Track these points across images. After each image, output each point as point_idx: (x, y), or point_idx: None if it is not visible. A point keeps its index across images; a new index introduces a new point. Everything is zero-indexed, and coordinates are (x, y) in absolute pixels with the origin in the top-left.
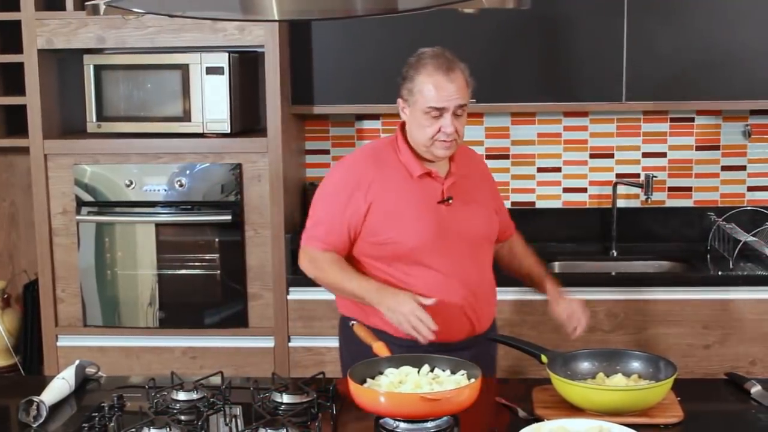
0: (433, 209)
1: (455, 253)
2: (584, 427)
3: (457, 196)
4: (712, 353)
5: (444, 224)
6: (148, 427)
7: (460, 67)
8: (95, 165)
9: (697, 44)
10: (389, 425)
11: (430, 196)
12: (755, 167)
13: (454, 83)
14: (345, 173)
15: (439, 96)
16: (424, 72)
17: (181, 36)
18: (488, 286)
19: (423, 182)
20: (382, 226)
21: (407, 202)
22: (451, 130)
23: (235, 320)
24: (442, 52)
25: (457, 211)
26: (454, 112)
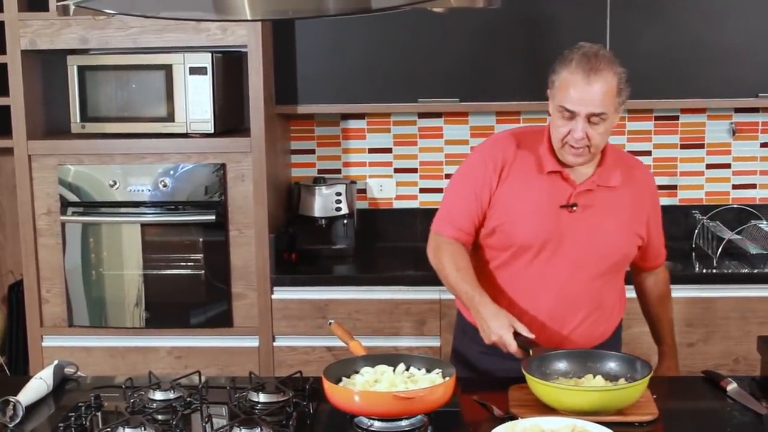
0: (553, 211)
1: (563, 262)
2: (558, 426)
3: (589, 206)
4: (695, 351)
5: (560, 230)
6: (123, 426)
7: (612, 71)
8: (79, 165)
9: (681, 42)
10: (364, 424)
11: (556, 196)
12: (740, 165)
13: (592, 87)
14: (482, 153)
15: (571, 97)
16: (568, 68)
17: (164, 36)
18: (592, 307)
19: (552, 180)
20: (498, 211)
21: (528, 196)
22: (579, 136)
23: (220, 320)
24: (596, 51)
25: (582, 221)
26: (588, 119)
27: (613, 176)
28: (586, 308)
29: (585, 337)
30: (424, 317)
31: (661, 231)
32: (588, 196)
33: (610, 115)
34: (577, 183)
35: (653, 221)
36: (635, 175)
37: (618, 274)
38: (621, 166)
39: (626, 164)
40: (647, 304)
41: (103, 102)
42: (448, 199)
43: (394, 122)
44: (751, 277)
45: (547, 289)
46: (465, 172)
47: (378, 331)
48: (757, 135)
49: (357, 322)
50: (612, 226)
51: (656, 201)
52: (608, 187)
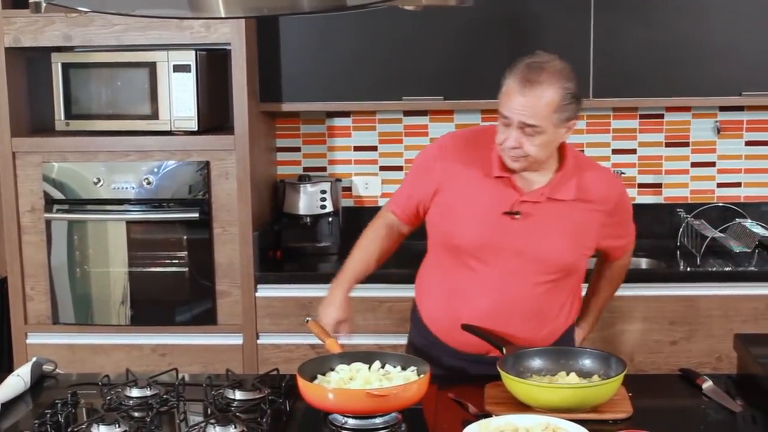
0: (495, 217)
1: (501, 268)
2: (531, 423)
3: (533, 215)
4: (678, 349)
5: (500, 236)
6: (97, 423)
7: (555, 86)
8: (64, 163)
9: (665, 40)
10: (338, 421)
11: (500, 202)
12: (725, 163)
13: (524, 97)
14: (433, 150)
15: (507, 103)
16: (512, 74)
17: (147, 34)
18: (531, 313)
19: (499, 185)
20: (443, 212)
21: (473, 199)
22: (510, 144)
23: (204, 317)
24: (543, 63)
25: (524, 229)
26: (521, 128)
27: (565, 190)
28: (524, 314)
29: (525, 342)
30: (407, 315)
31: (628, 227)
32: (534, 206)
33: (546, 129)
34: (524, 191)
35: (614, 231)
36: (597, 189)
37: (563, 281)
38: (580, 180)
39: (588, 178)
40: (594, 279)
41: (87, 99)
42: (402, 186)
43: (380, 120)
44: (734, 276)
45: (485, 293)
46: (417, 163)
47: (361, 328)
48: (741, 133)
49: None
50: (555, 237)
51: (621, 209)
52: (559, 200)
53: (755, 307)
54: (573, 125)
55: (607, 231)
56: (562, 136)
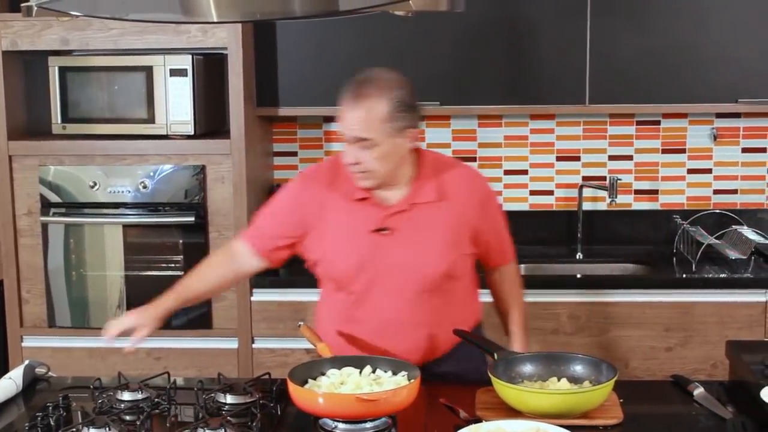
0: (365, 237)
1: (383, 286)
2: (521, 428)
3: (403, 227)
4: (674, 356)
5: (374, 255)
6: (87, 426)
7: (382, 97)
8: (60, 166)
9: (662, 47)
10: (328, 426)
11: (367, 222)
12: (721, 170)
13: (353, 113)
14: (296, 185)
15: (341, 119)
16: (345, 93)
17: (144, 38)
18: (422, 324)
19: (363, 207)
20: (317, 244)
21: (341, 226)
22: (349, 160)
23: (200, 321)
24: (370, 77)
25: (396, 243)
26: (356, 142)
27: (426, 193)
28: (415, 326)
29: (421, 352)
30: None
31: (502, 232)
32: (400, 218)
33: (381, 141)
34: (388, 206)
35: (487, 227)
36: (457, 187)
37: (449, 286)
38: (440, 181)
39: (448, 177)
40: (494, 297)
41: (84, 103)
42: (259, 216)
43: None
44: (730, 282)
45: (372, 313)
46: (279, 195)
47: None
48: (738, 140)
49: None
50: (428, 245)
51: (489, 206)
52: (423, 204)
53: (750, 314)
54: (414, 134)
55: (481, 228)
56: (402, 146)
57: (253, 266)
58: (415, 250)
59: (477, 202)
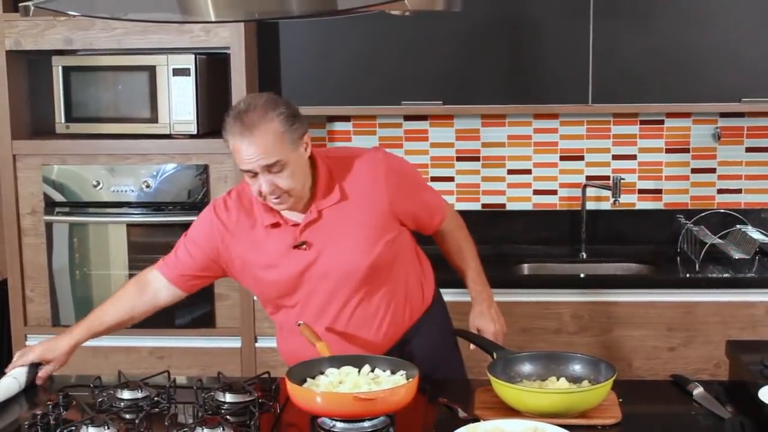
0: (287, 256)
1: (322, 296)
2: (519, 428)
3: (317, 236)
4: (676, 356)
5: (302, 270)
6: (86, 425)
7: (268, 120)
8: (63, 165)
9: (664, 47)
10: (326, 425)
11: (284, 242)
12: (725, 170)
13: (253, 146)
14: (208, 217)
15: (241, 159)
16: (230, 133)
17: (147, 37)
18: (375, 319)
19: (274, 231)
20: (241, 274)
21: (259, 252)
22: (267, 190)
23: (203, 321)
24: (246, 108)
25: (318, 252)
26: (265, 172)
27: (330, 195)
28: (366, 324)
29: (386, 339)
30: None
31: (424, 197)
32: (313, 229)
33: (287, 159)
34: (298, 221)
35: (405, 203)
36: (359, 177)
37: (383, 276)
38: (339, 178)
39: (345, 170)
40: (444, 254)
41: (87, 102)
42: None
43: (380, 125)
44: (733, 282)
45: (321, 322)
46: (196, 225)
47: None
48: (742, 140)
49: None
50: (347, 245)
51: (397, 182)
52: (330, 207)
53: (753, 314)
54: (307, 138)
55: (399, 208)
56: (304, 156)
57: (168, 295)
58: (337, 255)
59: (383, 185)
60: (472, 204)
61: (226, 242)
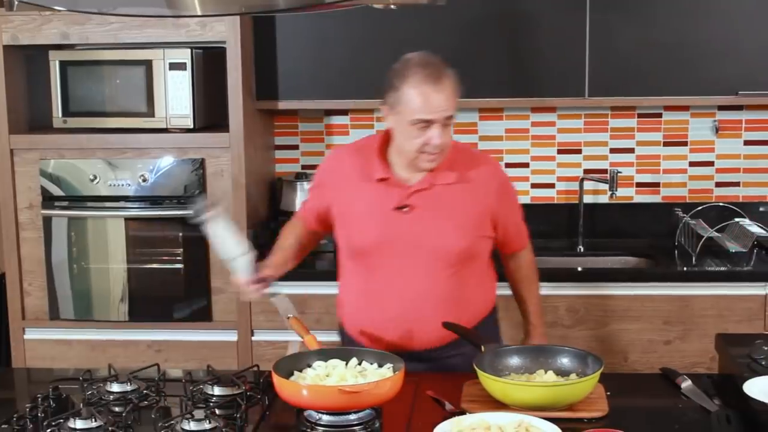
0: (385, 214)
1: (402, 262)
2: (505, 421)
3: (422, 206)
4: (672, 349)
5: (393, 231)
6: (74, 417)
7: (449, 75)
8: (60, 160)
9: (661, 40)
10: (313, 417)
11: (388, 200)
12: (723, 163)
13: (442, 93)
14: (323, 164)
15: (426, 107)
16: (412, 81)
17: (144, 32)
18: (441, 303)
19: (384, 186)
20: (338, 221)
21: (361, 203)
22: (438, 142)
23: (199, 314)
24: (430, 60)
25: (415, 221)
26: (442, 123)
27: (447, 174)
28: (434, 305)
29: (439, 333)
30: None
31: (518, 219)
32: (421, 196)
33: (455, 115)
34: (408, 186)
35: (503, 213)
36: (477, 172)
37: (467, 267)
38: (460, 164)
39: (467, 161)
40: (511, 285)
41: (84, 97)
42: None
43: (377, 118)
44: (729, 276)
45: (392, 291)
46: (315, 178)
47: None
48: (740, 133)
49: (335, 317)
50: (447, 224)
51: (506, 193)
52: (443, 185)
53: (749, 307)
54: None
55: (499, 213)
56: None
57: (309, 236)
58: (435, 228)
59: (495, 188)
60: None
61: (337, 189)
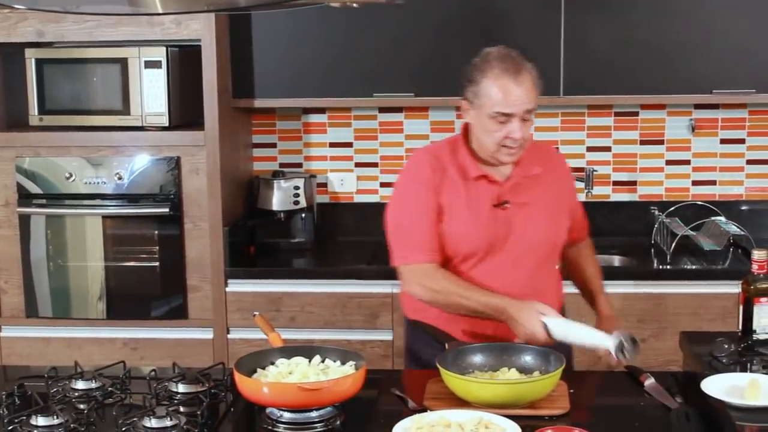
0: (489, 212)
1: (505, 259)
2: (464, 418)
3: (517, 199)
4: (647, 347)
5: (498, 229)
6: (36, 415)
7: (528, 68)
8: (37, 158)
9: (636, 38)
10: (274, 415)
11: (486, 198)
12: (699, 161)
13: (522, 86)
14: (414, 180)
15: (506, 101)
16: (491, 75)
17: (119, 30)
18: (541, 293)
19: (479, 184)
20: (445, 222)
21: (462, 205)
22: (519, 135)
23: (175, 312)
24: (509, 53)
25: (515, 215)
26: (522, 117)
27: (533, 166)
28: (533, 297)
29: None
30: (377, 311)
31: (581, 208)
32: (517, 191)
33: (535, 109)
34: (502, 181)
35: (574, 203)
36: (547, 157)
37: (551, 262)
38: (537, 155)
39: (541, 152)
40: (575, 269)
41: (60, 95)
42: (405, 227)
43: (355, 117)
44: (703, 274)
45: (496, 286)
46: (406, 198)
47: (330, 324)
48: (716, 131)
49: (310, 315)
50: (541, 216)
51: (573, 182)
52: (532, 177)
53: (724, 306)
54: None
55: (572, 202)
56: None
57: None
58: (533, 223)
59: (567, 178)
60: None
61: (437, 193)
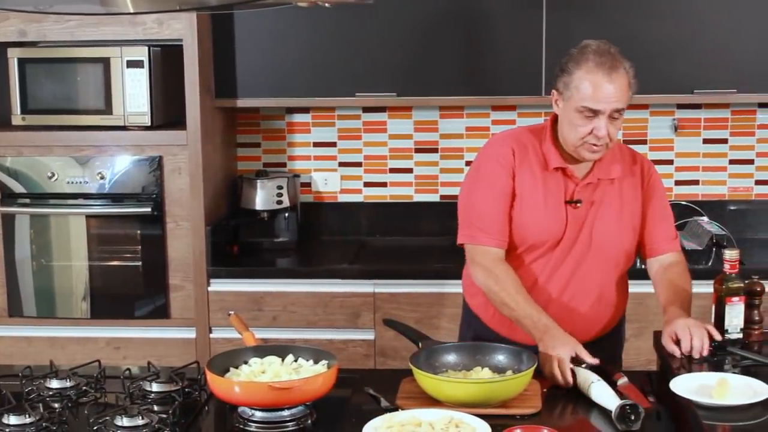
0: (558, 207)
1: (570, 256)
2: (436, 417)
3: (591, 201)
4: (628, 346)
5: (568, 225)
6: (8, 413)
7: (625, 66)
8: (19, 157)
9: (618, 38)
10: (246, 414)
11: (560, 192)
12: (682, 161)
13: (614, 84)
14: (493, 160)
15: (596, 96)
16: (585, 67)
17: (101, 29)
18: (597, 301)
19: (556, 176)
20: (516, 209)
21: (536, 193)
22: (603, 133)
23: (158, 311)
24: (608, 48)
25: (585, 216)
26: (610, 115)
27: (613, 169)
28: (589, 301)
29: (588, 329)
30: (358, 310)
31: (667, 220)
32: (590, 191)
33: (625, 109)
34: (579, 178)
35: (653, 210)
36: (634, 168)
37: (618, 267)
38: (620, 159)
39: (625, 156)
40: (656, 287)
41: (43, 94)
42: (478, 207)
43: (339, 116)
44: None
45: (555, 283)
46: (483, 178)
47: (312, 323)
48: (699, 131)
49: (292, 315)
50: (612, 220)
51: (658, 191)
52: (608, 180)
53: (703, 305)
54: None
55: (653, 210)
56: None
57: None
58: (604, 226)
59: (651, 186)
60: (430, 195)
61: (514, 177)
